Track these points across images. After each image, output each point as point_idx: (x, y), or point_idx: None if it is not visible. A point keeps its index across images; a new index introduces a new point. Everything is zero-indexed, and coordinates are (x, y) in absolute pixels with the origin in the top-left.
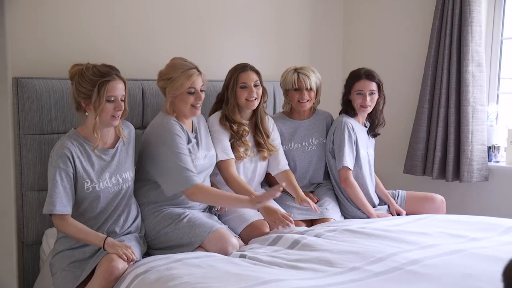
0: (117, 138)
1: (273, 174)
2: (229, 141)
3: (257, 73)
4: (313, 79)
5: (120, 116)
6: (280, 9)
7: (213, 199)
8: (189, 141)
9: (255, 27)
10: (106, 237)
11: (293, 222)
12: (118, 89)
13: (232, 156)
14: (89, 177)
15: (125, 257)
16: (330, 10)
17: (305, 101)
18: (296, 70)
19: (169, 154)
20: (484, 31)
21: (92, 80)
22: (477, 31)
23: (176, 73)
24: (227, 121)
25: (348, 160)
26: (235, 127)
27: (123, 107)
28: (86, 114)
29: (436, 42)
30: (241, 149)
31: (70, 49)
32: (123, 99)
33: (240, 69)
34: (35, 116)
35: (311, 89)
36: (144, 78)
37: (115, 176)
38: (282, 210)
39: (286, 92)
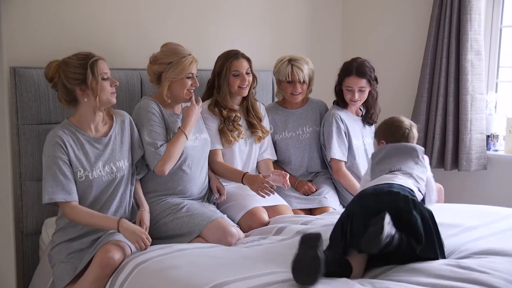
0: (110, 126)
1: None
2: (219, 126)
3: (248, 60)
4: (306, 72)
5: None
6: None
7: (172, 154)
8: (169, 123)
9: (253, 16)
10: (120, 220)
11: (275, 189)
12: (106, 66)
13: (218, 146)
14: (82, 165)
15: (139, 246)
16: None
17: (297, 93)
18: (290, 62)
19: (144, 132)
20: (484, 19)
21: (81, 63)
22: (476, 19)
23: (175, 57)
24: (216, 106)
25: (337, 152)
26: (225, 112)
27: (117, 82)
28: (86, 100)
29: (435, 30)
30: (234, 133)
31: (68, 39)
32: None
33: (233, 56)
34: (33, 106)
35: (304, 82)
36: (142, 68)
37: (108, 165)
38: (261, 176)
39: (279, 82)
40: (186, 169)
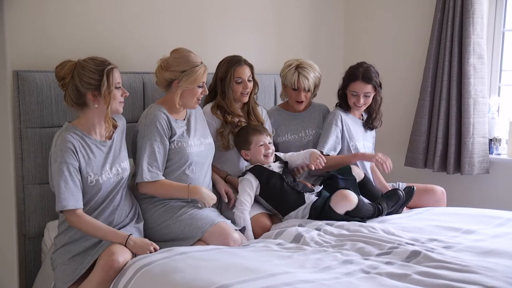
0: (111, 130)
1: None
2: (219, 129)
3: (251, 67)
4: (312, 80)
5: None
6: (280, 1)
7: (162, 193)
8: (176, 131)
9: (255, 20)
10: (128, 237)
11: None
12: (119, 76)
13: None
14: (92, 169)
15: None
16: (331, 1)
17: (301, 101)
18: (297, 69)
19: (144, 146)
20: (486, 23)
21: (97, 69)
22: (478, 23)
23: (188, 66)
24: (219, 109)
25: (329, 148)
26: (229, 118)
27: (128, 93)
28: (96, 106)
29: (437, 34)
30: None
31: (71, 43)
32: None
33: (236, 63)
34: (36, 109)
35: (309, 90)
36: (145, 71)
37: (115, 167)
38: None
39: (284, 86)
40: (190, 174)
